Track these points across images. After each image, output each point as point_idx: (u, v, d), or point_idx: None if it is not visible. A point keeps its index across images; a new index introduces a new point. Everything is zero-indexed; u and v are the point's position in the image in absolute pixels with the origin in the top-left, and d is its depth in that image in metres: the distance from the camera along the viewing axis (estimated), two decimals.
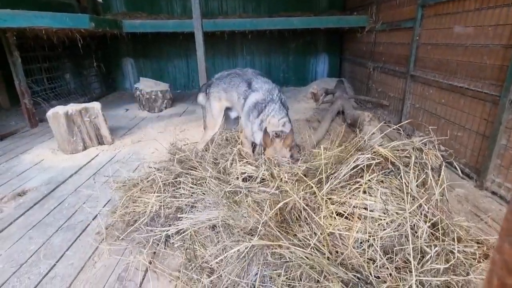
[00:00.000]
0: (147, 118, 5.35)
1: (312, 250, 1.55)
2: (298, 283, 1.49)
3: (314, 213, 1.69)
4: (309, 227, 1.70)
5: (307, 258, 1.50)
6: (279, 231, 1.66)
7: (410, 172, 1.77)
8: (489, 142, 2.64)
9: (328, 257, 1.55)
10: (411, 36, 3.96)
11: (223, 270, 1.63)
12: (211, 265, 1.72)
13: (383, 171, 1.84)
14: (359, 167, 1.84)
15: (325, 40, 7.76)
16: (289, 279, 1.51)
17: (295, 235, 1.70)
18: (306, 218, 1.74)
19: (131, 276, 1.82)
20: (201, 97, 3.41)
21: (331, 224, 1.67)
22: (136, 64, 7.84)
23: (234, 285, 1.58)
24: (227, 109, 3.21)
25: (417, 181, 1.78)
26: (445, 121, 3.33)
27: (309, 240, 1.61)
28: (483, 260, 1.63)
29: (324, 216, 1.68)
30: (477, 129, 2.85)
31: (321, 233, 1.62)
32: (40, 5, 4.59)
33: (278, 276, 1.54)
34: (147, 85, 5.85)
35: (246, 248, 1.60)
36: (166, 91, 5.86)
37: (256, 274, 1.56)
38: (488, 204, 2.49)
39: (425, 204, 1.67)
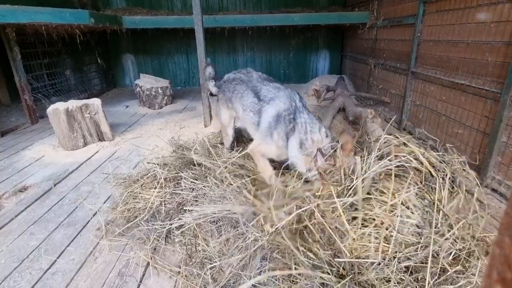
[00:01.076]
0: (148, 115, 5.34)
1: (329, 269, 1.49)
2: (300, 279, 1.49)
3: (336, 232, 1.56)
4: (330, 246, 1.57)
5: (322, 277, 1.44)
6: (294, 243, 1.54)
7: (445, 189, 1.67)
8: (490, 139, 2.64)
9: (342, 274, 1.50)
10: (413, 33, 3.94)
11: (224, 262, 1.62)
12: (212, 260, 1.73)
13: (423, 184, 1.71)
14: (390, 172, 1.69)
15: (326, 37, 7.73)
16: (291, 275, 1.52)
17: (309, 249, 1.58)
18: (323, 234, 1.61)
19: (132, 271, 1.83)
20: (211, 86, 3.06)
21: (355, 249, 1.54)
22: (136, 60, 7.82)
23: (236, 279, 1.58)
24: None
25: (450, 201, 1.68)
26: (445, 118, 3.33)
27: (330, 262, 1.52)
28: (485, 255, 1.63)
29: (347, 237, 1.56)
30: (478, 127, 2.85)
31: (343, 255, 1.51)
32: (40, 1, 4.57)
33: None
34: (147, 82, 5.83)
35: (254, 240, 1.60)
36: (167, 88, 5.85)
37: (259, 268, 1.56)
38: (488, 201, 2.48)
39: (460, 230, 1.59)
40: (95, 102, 3.77)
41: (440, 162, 1.84)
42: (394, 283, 1.41)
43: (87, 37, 6.12)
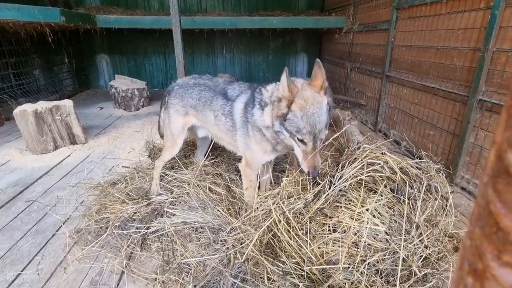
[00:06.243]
0: (123, 117, 5.18)
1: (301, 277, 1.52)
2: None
3: (304, 235, 1.61)
4: (298, 253, 1.59)
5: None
6: (265, 257, 1.58)
7: (420, 196, 1.73)
8: (459, 140, 2.76)
9: (314, 279, 1.52)
10: (387, 38, 4.07)
11: (205, 258, 1.59)
12: (190, 266, 1.69)
13: (395, 193, 1.77)
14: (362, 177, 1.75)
15: (304, 40, 7.85)
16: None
17: (279, 259, 1.62)
18: (293, 241, 1.63)
19: (106, 280, 1.75)
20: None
21: (327, 253, 1.59)
22: (112, 61, 7.58)
23: (216, 278, 1.55)
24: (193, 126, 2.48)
25: (423, 209, 1.73)
26: (418, 120, 3.46)
27: (300, 268, 1.55)
28: (454, 252, 1.70)
29: (314, 237, 1.61)
30: (448, 128, 2.98)
31: (311, 263, 1.54)
32: None
33: (260, 275, 1.54)
34: (123, 83, 5.67)
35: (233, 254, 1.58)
36: (143, 89, 5.71)
37: (240, 267, 1.54)
38: (458, 200, 2.60)
39: (429, 236, 1.64)
40: (67, 103, 3.60)
41: (417, 169, 1.90)
42: (366, 285, 1.44)
43: (58, 36, 5.86)
